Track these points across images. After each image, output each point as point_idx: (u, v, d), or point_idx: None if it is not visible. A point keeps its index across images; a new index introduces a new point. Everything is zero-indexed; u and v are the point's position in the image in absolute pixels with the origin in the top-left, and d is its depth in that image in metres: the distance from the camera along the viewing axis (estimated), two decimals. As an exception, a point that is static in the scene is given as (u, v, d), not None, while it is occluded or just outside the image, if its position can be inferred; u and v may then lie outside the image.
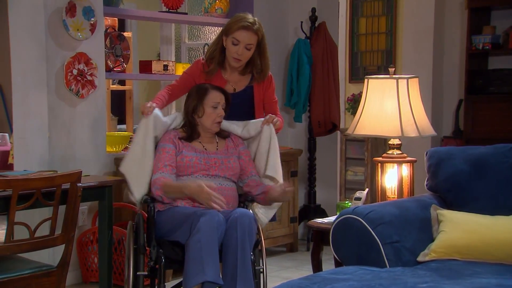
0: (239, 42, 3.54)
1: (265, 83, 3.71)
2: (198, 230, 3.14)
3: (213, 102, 3.48)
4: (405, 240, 3.08)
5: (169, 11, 5.08)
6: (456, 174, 3.37)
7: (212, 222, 3.16)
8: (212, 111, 3.48)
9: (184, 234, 3.22)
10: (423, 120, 3.73)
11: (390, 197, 3.73)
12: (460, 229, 3.12)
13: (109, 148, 4.71)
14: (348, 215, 3.11)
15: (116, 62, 4.76)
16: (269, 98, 3.73)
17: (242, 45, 3.54)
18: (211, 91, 3.51)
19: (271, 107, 3.73)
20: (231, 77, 3.67)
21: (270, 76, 3.74)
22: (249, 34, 3.54)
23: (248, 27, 3.54)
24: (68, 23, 4.27)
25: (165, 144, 3.45)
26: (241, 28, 3.54)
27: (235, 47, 3.55)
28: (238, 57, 3.56)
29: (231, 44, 3.56)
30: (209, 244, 3.14)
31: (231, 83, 3.66)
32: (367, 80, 3.78)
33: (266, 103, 3.72)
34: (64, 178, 3.15)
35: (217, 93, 3.51)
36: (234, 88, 3.66)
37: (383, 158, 3.77)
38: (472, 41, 5.65)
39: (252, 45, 3.55)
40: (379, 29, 6.18)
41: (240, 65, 3.61)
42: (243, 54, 3.55)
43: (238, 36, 3.54)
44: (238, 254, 3.21)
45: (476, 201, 3.28)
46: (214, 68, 3.63)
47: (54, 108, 4.28)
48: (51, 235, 3.17)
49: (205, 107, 3.49)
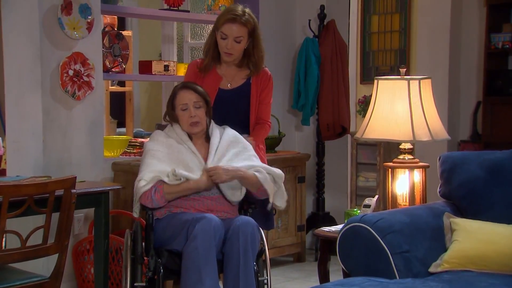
0: (227, 36, 3.58)
1: (262, 81, 3.73)
2: (194, 237, 3.16)
3: (181, 104, 3.48)
4: (416, 249, 3.08)
5: (170, 9, 5.10)
6: (470, 180, 3.37)
7: (208, 228, 3.18)
8: (183, 113, 3.48)
9: (182, 241, 3.23)
10: (436, 123, 3.73)
11: (402, 204, 3.73)
12: (475, 239, 3.11)
13: (107, 152, 4.72)
14: (355, 223, 3.12)
15: (115, 62, 4.78)
16: (263, 98, 3.75)
17: (230, 39, 3.58)
18: (178, 92, 3.51)
19: (262, 109, 3.76)
20: (227, 72, 3.71)
21: (269, 75, 3.77)
22: (236, 27, 3.57)
23: (234, 19, 3.58)
24: (64, 22, 4.29)
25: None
26: (228, 21, 3.58)
27: (224, 41, 3.60)
28: (228, 51, 3.60)
29: (220, 38, 3.61)
30: (206, 251, 3.15)
31: (226, 79, 3.71)
32: (376, 81, 3.78)
33: (260, 104, 3.75)
34: (58, 184, 3.17)
35: (185, 94, 3.49)
36: (229, 83, 3.71)
37: (393, 164, 3.77)
38: (491, 39, 5.64)
39: (241, 38, 3.59)
40: (392, 27, 6.16)
41: (233, 59, 3.65)
42: (232, 47, 3.59)
43: (225, 30, 3.58)
44: (241, 265, 3.22)
45: (492, 209, 3.28)
46: (208, 64, 3.68)
47: (49, 110, 4.30)
48: (43, 244, 3.18)
49: (176, 111, 3.50)
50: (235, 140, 3.57)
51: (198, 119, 3.47)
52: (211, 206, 3.42)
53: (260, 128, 3.79)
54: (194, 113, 3.46)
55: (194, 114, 3.46)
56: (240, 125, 3.70)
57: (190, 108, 3.46)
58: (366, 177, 5.90)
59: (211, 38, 3.70)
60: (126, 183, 4.42)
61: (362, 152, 5.91)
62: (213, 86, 3.70)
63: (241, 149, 3.55)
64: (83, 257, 4.44)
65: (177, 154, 3.45)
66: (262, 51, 3.70)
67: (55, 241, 3.23)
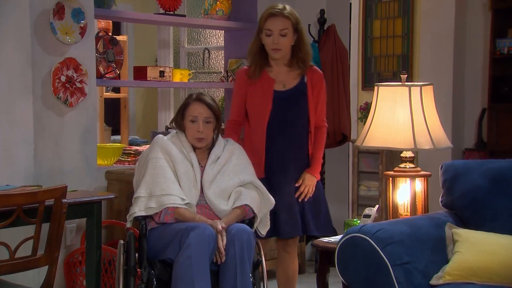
0: (272, 31, 3.66)
1: (318, 81, 3.79)
2: (188, 245, 3.17)
3: (191, 115, 3.52)
4: (417, 261, 3.08)
5: (166, 13, 5.10)
6: (473, 190, 3.37)
7: (202, 237, 3.19)
8: (191, 125, 3.52)
9: (175, 250, 3.24)
10: (438, 131, 3.73)
11: (403, 214, 3.73)
12: (478, 250, 3.11)
13: (100, 160, 4.72)
14: (354, 234, 3.11)
15: (108, 68, 4.79)
16: (319, 98, 3.81)
17: (276, 33, 3.66)
18: (191, 104, 3.54)
19: (319, 110, 3.81)
20: (279, 73, 3.77)
21: (322, 74, 3.85)
22: (279, 20, 3.66)
23: (276, 13, 3.67)
24: (56, 26, 4.29)
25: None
26: (270, 16, 3.68)
27: (270, 38, 3.67)
28: (275, 46, 3.67)
29: (265, 36, 3.68)
30: (199, 261, 3.16)
31: (279, 80, 3.77)
32: (377, 87, 3.79)
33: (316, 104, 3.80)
34: (48, 193, 3.17)
35: (197, 106, 3.52)
36: (284, 84, 3.76)
37: (394, 172, 3.77)
38: (496, 45, 5.66)
39: (286, 30, 3.66)
40: (395, 32, 6.20)
41: (281, 55, 3.71)
42: (279, 41, 3.66)
43: (269, 25, 3.66)
44: (237, 272, 3.24)
45: (495, 219, 3.28)
46: (256, 70, 3.75)
47: (41, 117, 4.30)
48: (33, 256, 3.17)
49: (185, 121, 3.54)
50: (234, 153, 3.61)
51: (204, 135, 3.51)
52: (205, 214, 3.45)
53: (320, 137, 3.84)
54: (202, 128, 3.50)
55: (202, 130, 3.50)
56: (302, 130, 3.78)
57: (199, 122, 3.51)
58: (368, 186, 5.91)
59: (255, 43, 3.76)
60: (120, 192, 4.41)
61: (363, 160, 5.92)
62: (268, 89, 3.76)
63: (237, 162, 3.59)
64: (75, 268, 4.43)
65: (174, 165, 3.47)
66: (308, 45, 3.78)
67: (45, 252, 3.22)
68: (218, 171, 3.53)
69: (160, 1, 5.09)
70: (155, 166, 3.45)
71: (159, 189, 3.39)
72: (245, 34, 5.37)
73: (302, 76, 3.77)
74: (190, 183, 3.46)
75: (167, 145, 3.52)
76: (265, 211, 3.57)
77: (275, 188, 3.71)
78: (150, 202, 3.39)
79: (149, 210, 3.38)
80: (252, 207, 3.47)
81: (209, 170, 3.51)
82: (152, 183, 3.41)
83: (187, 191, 3.43)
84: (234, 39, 5.51)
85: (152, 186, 3.41)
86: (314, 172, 3.78)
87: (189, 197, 3.41)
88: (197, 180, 3.47)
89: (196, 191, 3.46)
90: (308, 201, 3.76)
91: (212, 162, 3.54)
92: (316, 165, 3.80)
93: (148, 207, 3.38)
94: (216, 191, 3.49)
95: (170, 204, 3.35)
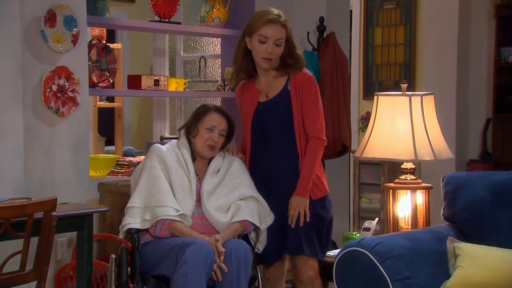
0: (267, 39, 3.45)
1: (300, 82, 3.50)
2: (184, 262, 3.17)
3: (209, 124, 3.54)
4: (417, 276, 3.07)
5: (161, 21, 5.11)
6: (475, 203, 3.37)
7: (199, 253, 3.19)
8: (206, 132, 3.53)
9: (170, 266, 3.24)
10: (439, 142, 3.74)
11: (403, 227, 3.73)
12: (480, 265, 3.10)
13: (93, 172, 4.72)
14: (353, 248, 3.11)
15: (101, 77, 4.79)
16: (303, 102, 3.49)
17: (271, 42, 3.44)
18: (211, 113, 3.57)
19: (308, 118, 3.49)
20: (265, 83, 3.57)
21: (309, 75, 3.55)
22: (277, 28, 3.46)
23: (274, 20, 3.46)
24: (48, 34, 4.30)
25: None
26: (268, 22, 3.45)
27: (263, 45, 3.45)
28: (269, 56, 3.46)
29: (257, 42, 3.47)
30: (195, 279, 3.15)
31: (265, 91, 3.56)
32: (376, 97, 3.79)
33: (303, 111, 3.50)
34: (37, 206, 3.16)
35: (217, 117, 3.56)
36: (267, 94, 3.56)
37: (395, 184, 3.77)
38: (501, 53, 5.67)
39: (282, 40, 3.47)
40: (397, 40, 6.20)
41: (272, 65, 3.51)
42: (273, 51, 3.46)
43: (265, 32, 3.45)
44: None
45: (498, 233, 3.27)
46: (238, 76, 3.59)
47: (31, 127, 4.30)
48: (21, 271, 3.16)
49: (200, 127, 3.55)
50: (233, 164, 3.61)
51: (217, 145, 3.55)
52: (200, 227, 3.45)
53: (309, 152, 3.49)
54: (217, 139, 3.53)
55: (217, 140, 3.53)
56: (289, 144, 3.52)
57: (215, 132, 3.53)
58: (369, 198, 5.91)
59: (239, 49, 3.57)
60: (112, 205, 4.41)
61: (365, 171, 5.92)
62: (252, 102, 3.58)
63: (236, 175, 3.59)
64: (66, 284, 4.42)
65: (169, 174, 3.48)
66: (297, 53, 3.54)
67: (34, 267, 3.22)
68: (217, 182, 3.54)
69: (155, 8, 5.10)
70: (149, 176, 3.45)
71: (153, 200, 3.39)
72: (242, 42, 5.38)
73: (287, 82, 3.53)
74: (185, 193, 3.45)
75: (163, 154, 3.53)
76: (264, 226, 3.56)
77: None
78: (145, 214, 3.39)
79: (145, 223, 3.38)
80: (252, 221, 3.47)
81: (209, 181, 3.52)
82: (147, 194, 3.42)
83: (182, 201, 3.43)
84: (231, 47, 5.47)
85: (147, 197, 3.41)
86: (301, 193, 3.46)
87: (184, 207, 3.41)
88: (193, 190, 3.47)
89: (192, 201, 3.46)
90: (305, 223, 3.48)
91: (212, 173, 3.55)
92: (303, 185, 3.47)
93: (144, 220, 3.38)
94: (214, 203, 3.49)
95: (164, 216, 3.34)
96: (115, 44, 6.41)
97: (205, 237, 3.34)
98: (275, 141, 3.53)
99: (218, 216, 3.46)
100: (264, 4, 5.36)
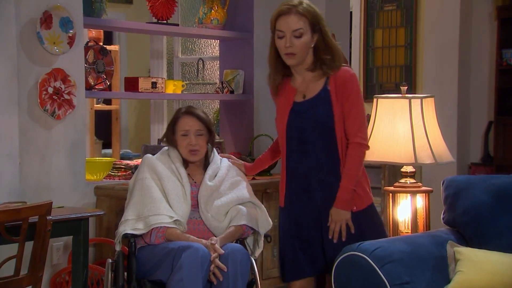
0: (284, 32, 3.18)
1: (342, 87, 3.21)
2: (180, 267, 3.18)
3: (182, 129, 3.54)
4: (417, 281, 3.07)
5: (158, 22, 5.11)
6: (476, 207, 3.36)
7: (195, 258, 3.19)
8: (183, 139, 3.53)
9: (166, 271, 3.24)
10: (440, 145, 3.74)
11: (403, 231, 3.73)
12: (480, 270, 3.10)
13: (89, 175, 4.72)
14: (352, 252, 3.10)
15: (98, 79, 4.79)
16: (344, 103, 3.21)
17: (288, 34, 3.17)
18: (181, 117, 3.56)
19: (349, 121, 3.20)
20: (301, 81, 3.30)
21: (350, 74, 3.24)
22: (292, 18, 3.16)
23: (288, 11, 3.18)
24: (43, 36, 4.30)
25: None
26: (279, 15, 3.20)
27: (282, 40, 3.20)
28: (288, 50, 3.18)
29: (277, 38, 3.22)
30: (191, 283, 3.15)
31: (301, 89, 3.30)
32: (376, 99, 3.79)
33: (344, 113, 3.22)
34: (32, 210, 3.16)
35: (187, 120, 3.54)
36: (304, 95, 3.28)
37: (394, 188, 3.77)
38: (503, 55, 5.67)
39: (301, 30, 3.16)
40: (397, 42, 6.21)
41: (297, 61, 3.22)
42: (292, 44, 3.17)
43: (281, 25, 3.19)
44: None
45: (499, 237, 3.27)
46: (274, 78, 3.32)
47: (26, 131, 4.30)
48: (16, 276, 3.17)
49: (176, 136, 3.56)
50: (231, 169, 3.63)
51: (198, 147, 3.53)
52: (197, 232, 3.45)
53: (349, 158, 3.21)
54: (195, 141, 3.52)
55: (195, 142, 3.52)
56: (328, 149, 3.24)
57: (191, 136, 3.52)
58: (369, 202, 5.88)
59: (270, 51, 3.30)
60: (109, 208, 4.41)
61: (365, 175, 5.90)
62: (287, 102, 3.31)
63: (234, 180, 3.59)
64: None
65: (161, 182, 3.49)
66: (333, 46, 3.25)
67: (29, 272, 3.22)
68: (215, 187, 3.54)
69: (153, 10, 5.10)
70: (141, 187, 3.48)
71: (146, 209, 3.41)
72: (240, 44, 5.38)
73: (326, 82, 3.26)
74: (179, 198, 3.46)
75: (153, 163, 3.55)
76: (263, 231, 3.57)
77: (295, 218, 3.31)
78: (137, 224, 3.40)
79: (136, 230, 3.39)
80: (251, 225, 3.48)
81: (206, 186, 3.52)
82: (140, 205, 3.44)
83: (176, 207, 3.43)
84: (229, 49, 5.52)
85: (139, 208, 3.43)
86: (339, 205, 3.20)
87: (178, 213, 3.41)
88: (187, 195, 3.48)
89: (187, 206, 3.47)
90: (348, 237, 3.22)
91: (209, 178, 3.55)
92: (342, 196, 3.20)
93: (135, 228, 3.39)
94: (212, 207, 3.49)
95: (157, 224, 3.35)
96: (112, 46, 6.42)
97: (202, 240, 3.35)
98: (314, 146, 3.25)
99: (216, 220, 3.47)
100: (263, 6, 5.38)
